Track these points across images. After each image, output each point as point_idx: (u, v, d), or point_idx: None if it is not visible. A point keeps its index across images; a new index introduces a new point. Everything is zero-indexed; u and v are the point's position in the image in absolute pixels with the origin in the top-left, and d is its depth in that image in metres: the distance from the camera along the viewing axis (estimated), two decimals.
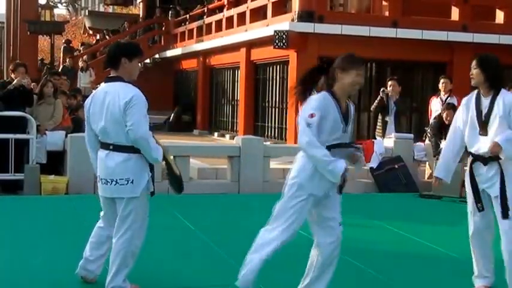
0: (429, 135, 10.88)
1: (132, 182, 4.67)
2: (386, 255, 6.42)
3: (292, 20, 13.84)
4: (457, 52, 14.59)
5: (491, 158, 5.04)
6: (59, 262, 5.74)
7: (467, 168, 5.27)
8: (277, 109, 15.67)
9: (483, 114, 5.13)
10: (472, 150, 5.19)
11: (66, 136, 10.10)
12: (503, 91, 5.17)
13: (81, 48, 25.62)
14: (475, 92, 5.31)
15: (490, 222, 5.21)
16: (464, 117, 5.26)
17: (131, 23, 26.58)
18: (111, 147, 4.71)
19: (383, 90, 11.29)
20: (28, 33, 23.88)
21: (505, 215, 5.02)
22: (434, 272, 5.88)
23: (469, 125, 5.21)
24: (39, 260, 5.80)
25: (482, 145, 5.11)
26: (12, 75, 10.21)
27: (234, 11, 17.84)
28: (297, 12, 13.81)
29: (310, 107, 4.41)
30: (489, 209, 5.17)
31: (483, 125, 5.13)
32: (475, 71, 5.18)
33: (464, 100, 5.36)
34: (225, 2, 19.42)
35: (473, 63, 5.20)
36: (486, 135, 5.11)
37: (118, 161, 4.68)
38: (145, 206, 4.84)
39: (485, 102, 5.16)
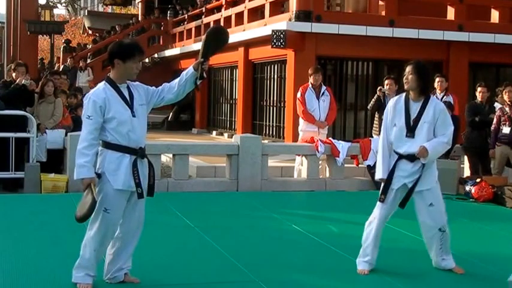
0: None
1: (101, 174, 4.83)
2: (382, 251, 6.38)
3: (290, 19, 13.91)
4: (453, 51, 14.69)
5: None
6: (59, 260, 5.73)
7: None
8: (275, 108, 15.74)
9: (412, 118, 5.50)
10: (400, 151, 5.54)
11: (66, 135, 10.16)
12: (433, 98, 5.59)
13: (78, 48, 25.73)
14: (403, 95, 5.64)
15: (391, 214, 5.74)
16: (391, 118, 5.59)
17: (123, 26, 26.60)
18: None
19: (380, 89, 11.36)
20: (28, 33, 23.95)
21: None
22: (430, 267, 5.92)
23: (397, 127, 5.55)
24: (39, 258, 5.81)
25: (410, 147, 5.48)
26: (13, 75, 10.26)
27: (232, 11, 17.91)
28: (294, 12, 13.88)
29: None
30: (396, 202, 5.64)
31: (411, 128, 5.50)
32: (410, 76, 5.48)
33: (392, 102, 5.68)
34: (223, 2, 19.49)
35: (410, 69, 5.51)
36: (413, 138, 5.50)
37: None
38: (107, 200, 4.79)
39: (415, 106, 5.53)
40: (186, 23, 22.67)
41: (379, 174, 5.62)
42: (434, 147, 5.47)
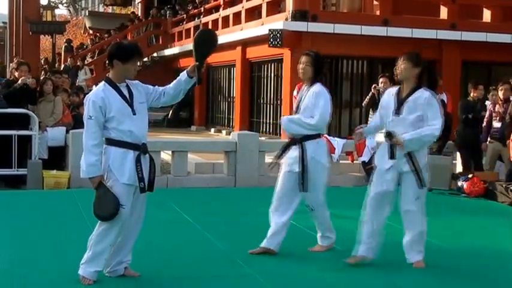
0: None
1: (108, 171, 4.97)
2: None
3: (286, 19, 14.05)
4: (446, 50, 14.85)
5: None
6: (61, 255, 5.78)
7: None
8: (271, 105, 15.92)
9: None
10: None
11: (67, 132, 10.28)
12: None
13: (79, 48, 25.94)
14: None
15: None
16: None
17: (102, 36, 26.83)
18: None
19: (374, 87, 11.53)
20: (30, 33, 24.00)
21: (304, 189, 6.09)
22: (424, 261, 5.94)
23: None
24: (41, 254, 5.86)
25: None
26: (16, 74, 10.39)
27: (229, 11, 18.07)
28: (290, 12, 14.04)
29: None
30: None
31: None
32: (307, 67, 6.26)
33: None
34: (221, 2, 19.65)
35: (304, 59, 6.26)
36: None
37: None
38: (121, 196, 4.88)
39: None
40: (185, 22, 22.85)
41: None
42: (291, 120, 6.46)
